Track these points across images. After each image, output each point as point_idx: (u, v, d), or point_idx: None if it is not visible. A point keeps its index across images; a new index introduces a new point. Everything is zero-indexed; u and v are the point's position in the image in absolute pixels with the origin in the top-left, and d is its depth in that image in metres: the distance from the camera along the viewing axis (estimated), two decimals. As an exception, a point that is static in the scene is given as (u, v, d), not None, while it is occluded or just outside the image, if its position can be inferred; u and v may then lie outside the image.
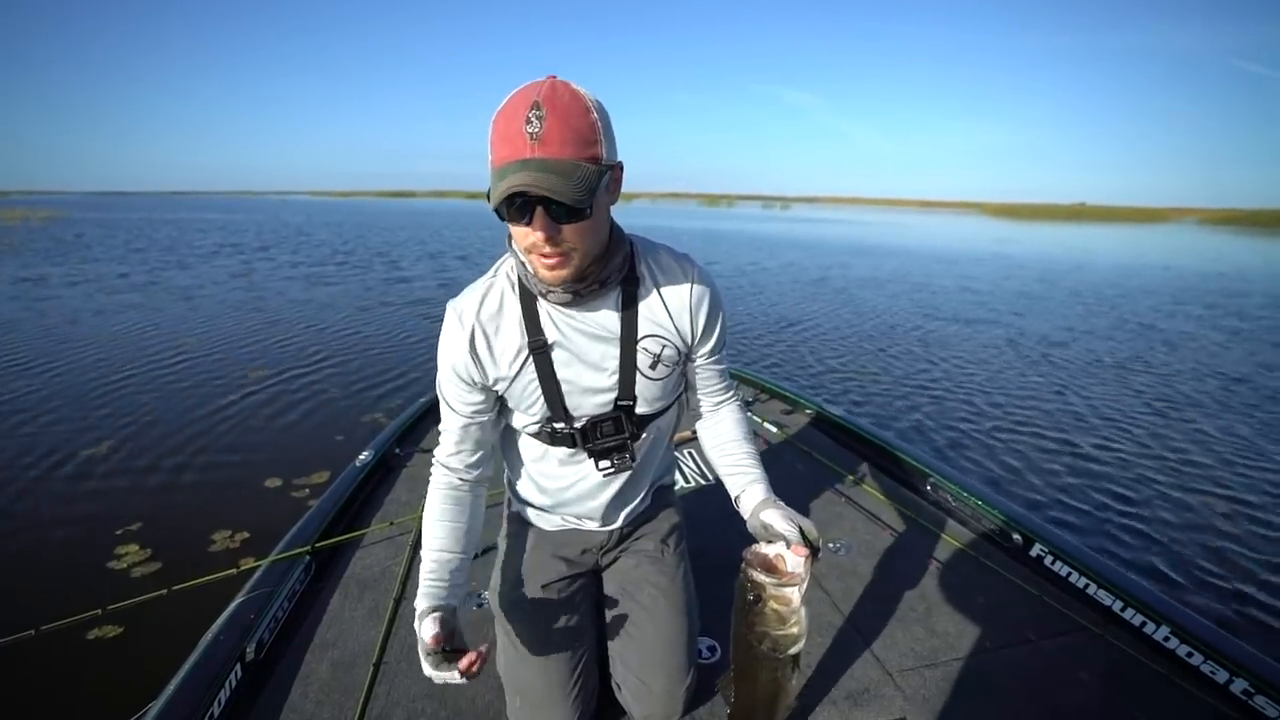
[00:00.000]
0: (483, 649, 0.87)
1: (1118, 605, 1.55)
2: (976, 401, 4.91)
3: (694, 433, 2.41)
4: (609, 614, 1.28)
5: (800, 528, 0.90)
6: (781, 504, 0.97)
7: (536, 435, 1.10)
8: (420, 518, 1.95)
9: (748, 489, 1.05)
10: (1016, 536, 1.83)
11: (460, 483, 1.10)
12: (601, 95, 0.84)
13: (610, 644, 1.27)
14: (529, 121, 0.77)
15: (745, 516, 1.02)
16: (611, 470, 1.11)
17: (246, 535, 2.75)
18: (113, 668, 1.98)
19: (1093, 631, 1.53)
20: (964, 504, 2.01)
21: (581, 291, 0.94)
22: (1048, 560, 1.74)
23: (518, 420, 1.08)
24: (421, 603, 0.99)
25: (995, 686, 1.37)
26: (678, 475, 2.27)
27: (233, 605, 1.47)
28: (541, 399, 1.03)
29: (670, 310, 1.02)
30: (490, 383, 1.02)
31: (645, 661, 1.21)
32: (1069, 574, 1.68)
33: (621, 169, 0.88)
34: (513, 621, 1.21)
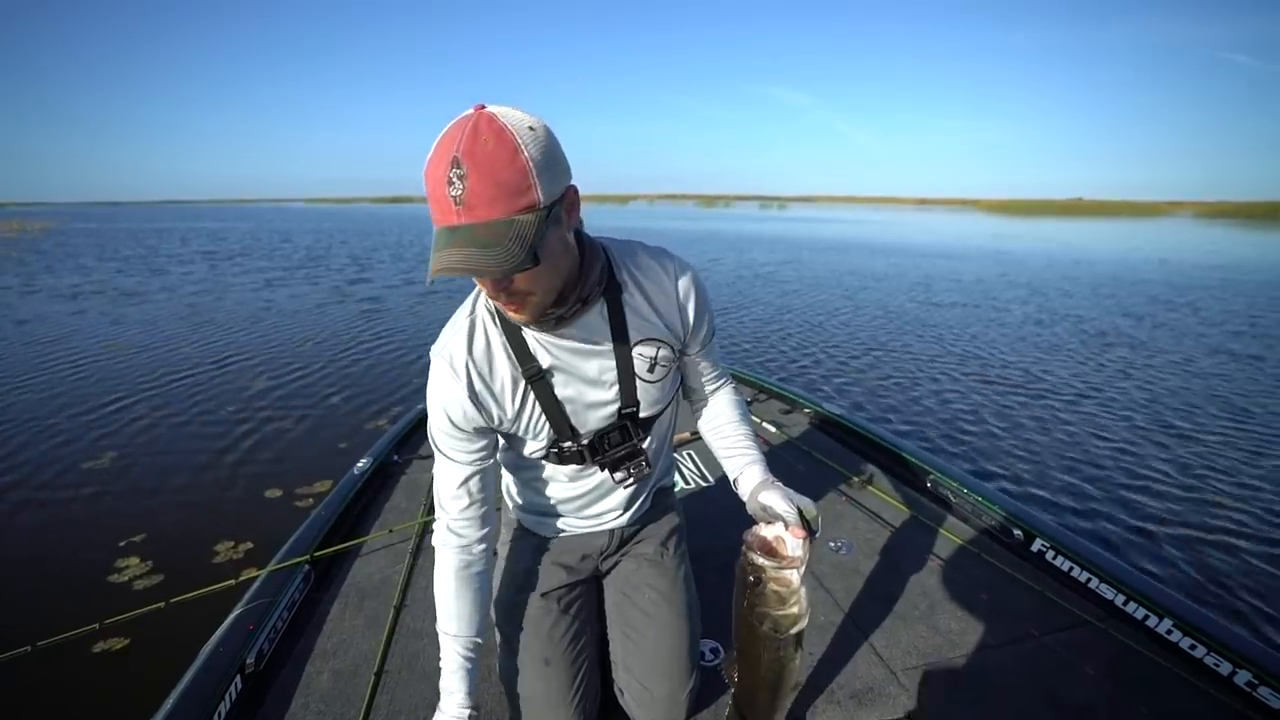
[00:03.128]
0: None
1: (1120, 599, 1.55)
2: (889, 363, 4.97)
3: (691, 434, 2.41)
4: (610, 619, 1.28)
5: (799, 508, 0.89)
6: (780, 485, 0.97)
7: (544, 458, 1.08)
8: (420, 524, 1.95)
9: (745, 470, 1.04)
10: (1018, 532, 1.82)
11: (472, 555, 1.04)
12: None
13: (612, 649, 1.27)
14: (450, 183, 0.70)
15: (744, 499, 1.01)
16: (630, 480, 1.11)
17: (250, 545, 2.74)
18: (111, 682, 1.96)
19: (1095, 625, 1.53)
20: (965, 500, 2.01)
21: (565, 315, 0.90)
22: (1049, 555, 1.74)
23: (526, 449, 1.06)
24: (461, 699, 1.01)
25: (999, 683, 1.37)
26: (677, 477, 2.27)
27: (232, 616, 1.46)
28: (548, 426, 1.00)
29: (659, 310, 1.00)
30: (496, 424, 0.99)
31: (647, 666, 1.21)
32: (1071, 568, 1.67)
33: (575, 191, 0.80)
34: (513, 630, 1.21)
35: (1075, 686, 1.36)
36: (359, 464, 2.24)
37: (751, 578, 0.81)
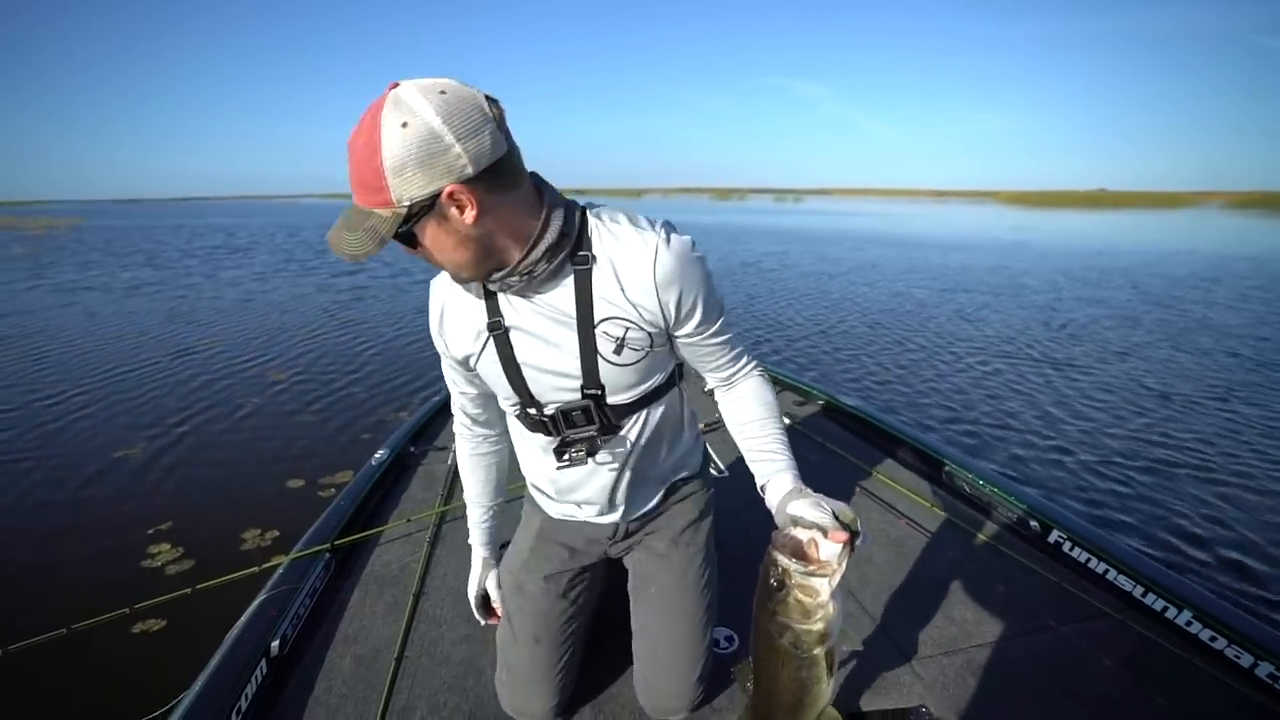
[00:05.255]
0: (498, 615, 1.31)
1: (1138, 590, 1.54)
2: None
3: (705, 425, 2.41)
4: (631, 606, 1.30)
5: (834, 512, 0.79)
6: (810, 492, 0.88)
7: (520, 419, 1.08)
8: (438, 514, 1.98)
9: (774, 479, 0.95)
10: (1034, 523, 1.81)
11: (479, 440, 1.24)
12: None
13: (634, 637, 1.28)
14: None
15: (772, 510, 0.93)
16: (566, 465, 1.04)
17: (277, 533, 2.80)
18: (142, 664, 2.03)
19: (1113, 617, 1.51)
20: (980, 491, 2.00)
21: (512, 284, 0.89)
22: (1066, 546, 1.72)
23: (500, 401, 1.10)
24: (480, 550, 1.33)
25: (1015, 673, 1.37)
26: None
27: (256, 602, 1.49)
28: (506, 382, 1.00)
29: (627, 290, 0.91)
30: (460, 358, 1.04)
31: (653, 656, 1.23)
32: (1088, 560, 1.66)
33: (465, 190, 0.76)
34: (512, 603, 1.27)
35: (1093, 678, 1.35)
36: (377, 455, 2.28)
37: (774, 582, 0.71)
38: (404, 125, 0.72)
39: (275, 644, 1.38)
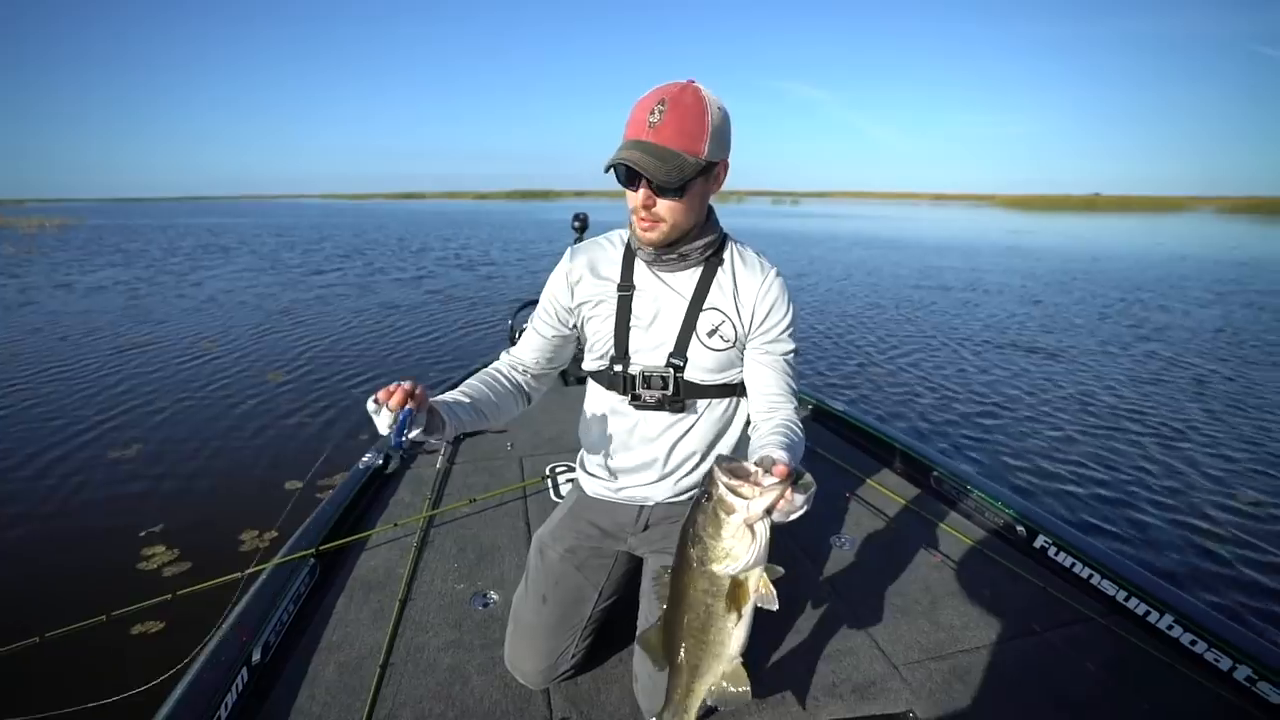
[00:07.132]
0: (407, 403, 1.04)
1: (1121, 595, 1.55)
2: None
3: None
4: (640, 604, 1.30)
5: (796, 468, 0.80)
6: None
7: (598, 377, 1.24)
8: (425, 519, 1.98)
9: (765, 450, 0.94)
10: (1020, 529, 1.82)
11: (506, 370, 1.30)
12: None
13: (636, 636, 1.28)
14: (653, 111, 0.96)
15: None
16: (636, 402, 1.19)
17: (274, 534, 2.77)
18: (119, 673, 1.96)
19: (1097, 621, 1.52)
20: (967, 496, 2.01)
21: (662, 257, 1.12)
22: (1051, 552, 1.73)
23: (588, 362, 1.26)
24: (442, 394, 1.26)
25: (1001, 678, 1.37)
26: None
27: (238, 608, 1.47)
28: (612, 335, 1.18)
29: (739, 293, 1.14)
30: (575, 310, 1.22)
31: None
32: (1073, 565, 1.67)
33: (726, 167, 1.06)
34: (532, 564, 1.39)
35: (1077, 682, 1.36)
36: (364, 458, 2.26)
37: (703, 493, 0.74)
38: (720, 109, 0.98)
39: (257, 652, 1.36)
